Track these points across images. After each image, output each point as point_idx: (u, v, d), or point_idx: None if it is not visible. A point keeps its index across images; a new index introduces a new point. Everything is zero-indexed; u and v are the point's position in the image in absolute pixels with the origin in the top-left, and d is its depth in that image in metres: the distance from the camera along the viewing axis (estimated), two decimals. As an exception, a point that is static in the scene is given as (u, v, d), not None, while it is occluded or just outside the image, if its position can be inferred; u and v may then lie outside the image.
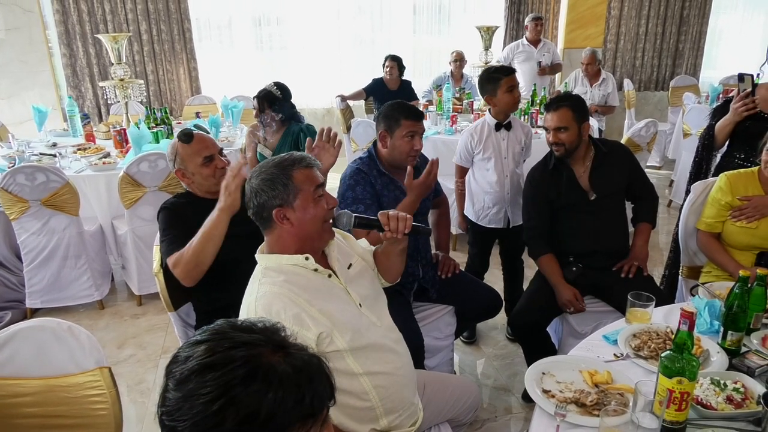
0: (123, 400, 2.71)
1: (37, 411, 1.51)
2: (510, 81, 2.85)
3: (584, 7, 6.95)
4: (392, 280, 1.85)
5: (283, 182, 1.49)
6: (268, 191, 1.49)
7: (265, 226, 1.55)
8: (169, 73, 6.00)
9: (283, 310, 1.42)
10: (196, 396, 0.78)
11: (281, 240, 1.53)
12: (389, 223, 1.60)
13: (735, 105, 2.58)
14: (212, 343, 0.83)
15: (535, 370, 1.62)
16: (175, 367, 0.83)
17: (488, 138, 2.98)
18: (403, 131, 2.32)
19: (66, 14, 5.52)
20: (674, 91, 6.54)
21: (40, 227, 3.34)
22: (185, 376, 0.80)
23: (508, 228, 3.08)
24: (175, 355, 0.85)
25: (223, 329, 0.86)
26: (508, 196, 3.02)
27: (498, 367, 3.00)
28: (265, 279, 1.49)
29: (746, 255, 2.28)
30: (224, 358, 0.81)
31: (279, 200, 1.49)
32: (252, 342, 0.84)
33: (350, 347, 1.49)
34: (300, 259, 1.52)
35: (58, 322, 1.52)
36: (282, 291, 1.45)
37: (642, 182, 2.61)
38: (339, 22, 6.65)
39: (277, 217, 1.50)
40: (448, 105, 4.81)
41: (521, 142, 3.03)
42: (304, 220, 1.50)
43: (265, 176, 1.50)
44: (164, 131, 4.14)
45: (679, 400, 1.29)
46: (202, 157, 2.11)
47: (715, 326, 1.78)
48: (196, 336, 0.86)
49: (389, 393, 1.57)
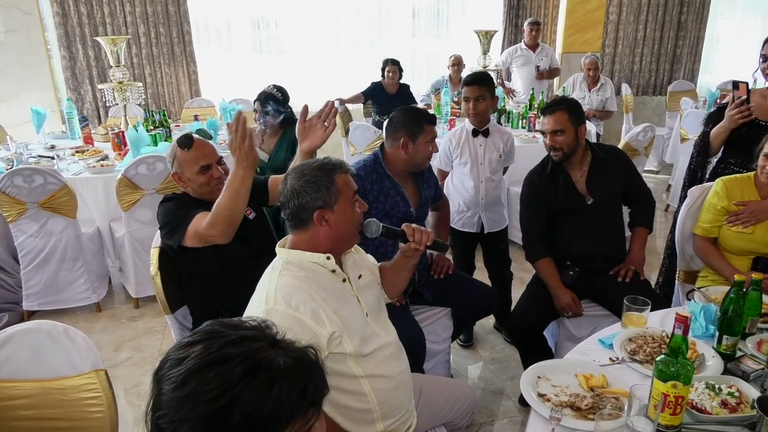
0: (120, 403, 2.71)
1: (33, 414, 1.51)
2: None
3: (582, 11, 6.97)
4: (394, 296, 1.88)
5: (327, 185, 1.52)
6: (312, 193, 1.51)
7: (300, 225, 1.55)
8: (168, 76, 6.00)
9: (302, 303, 1.43)
10: (198, 395, 0.78)
11: (314, 240, 1.55)
12: (414, 234, 1.66)
13: (730, 112, 2.59)
14: (208, 342, 0.83)
15: (530, 373, 1.62)
16: (168, 370, 0.82)
17: (465, 143, 3.04)
18: (427, 137, 2.38)
19: (66, 16, 5.52)
20: (672, 96, 6.56)
21: (38, 229, 3.34)
22: (184, 376, 0.79)
23: (482, 233, 3.11)
24: (165, 360, 0.84)
25: (215, 329, 0.86)
26: (482, 201, 3.06)
27: (495, 371, 3.00)
28: (287, 272, 1.50)
29: (742, 260, 2.29)
30: (224, 355, 0.81)
31: (321, 202, 1.51)
32: (249, 337, 0.84)
33: (356, 352, 1.51)
34: (322, 257, 1.54)
35: (54, 324, 1.52)
36: (302, 286, 1.47)
37: (639, 187, 2.62)
38: (338, 25, 6.66)
39: (317, 218, 1.52)
40: (447, 109, 4.83)
41: (500, 149, 3.06)
42: (341, 223, 1.54)
43: (309, 178, 1.53)
44: (162, 134, 4.14)
45: (673, 404, 1.30)
46: (199, 165, 2.10)
47: (711, 330, 1.78)
48: (187, 338, 0.86)
49: (387, 397, 1.58)
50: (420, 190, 2.52)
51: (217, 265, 2.09)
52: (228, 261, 2.10)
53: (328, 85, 6.51)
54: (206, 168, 2.11)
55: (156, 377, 0.84)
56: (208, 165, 2.11)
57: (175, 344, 0.86)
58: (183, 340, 0.86)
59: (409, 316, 2.34)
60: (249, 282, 1.78)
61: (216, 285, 2.09)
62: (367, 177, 2.38)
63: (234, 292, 1.93)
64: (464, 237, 3.16)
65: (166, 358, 0.85)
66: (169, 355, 0.85)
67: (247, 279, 1.79)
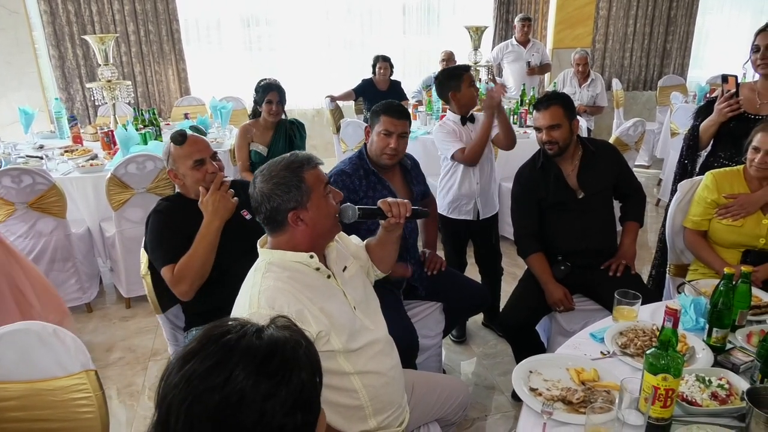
0: (112, 404, 2.72)
1: (23, 415, 1.50)
2: (470, 77, 2.98)
3: (573, 7, 6.99)
4: (387, 270, 1.86)
5: (296, 184, 1.48)
6: (282, 195, 1.48)
7: (277, 228, 1.53)
8: (158, 74, 5.96)
9: (286, 305, 1.42)
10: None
11: (293, 240, 1.53)
12: (391, 209, 1.65)
13: (719, 106, 2.60)
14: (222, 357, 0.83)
15: (522, 368, 1.63)
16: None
17: (459, 132, 3.03)
18: (380, 127, 2.36)
19: (54, 15, 5.47)
20: (662, 91, 6.59)
21: (27, 230, 3.31)
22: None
23: (479, 220, 3.10)
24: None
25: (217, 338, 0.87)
26: (477, 187, 3.05)
27: (488, 366, 3.01)
28: (270, 273, 1.48)
29: (732, 253, 2.31)
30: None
31: (294, 203, 1.48)
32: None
33: (344, 348, 1.50)
34: (305, 257, 1.52)
35: (44, 325, 1.51)
36: (286, 287, 1.45)
37: (629, 181, 2.63)
38: (328, 22, 6.64)
39: (291, 219, 1.50)
40: (438, 105, 4.82)
41: None
42: (317, 219, 1.52)
43: (278, 180, 1.49)
44: (152, 133, 4.11)
45: (664, 396, 1.30)
46: (193, 160, 2.08)
47: (701, 323, 1.79)
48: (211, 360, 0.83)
49: (378, 393, 1.58)
50: (409, 186, 2.52)
51: (213, 265, 2.09)
52: (224, 260, 2.09)
53: (319, 82, 6.50)
54: (200, 163, 2.09)
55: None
56: (202, 159, 2.10)
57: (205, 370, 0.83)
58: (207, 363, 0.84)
59: (402, 312, 2.34)
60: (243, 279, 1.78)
61: (210, 283, 2.08)
62: (354, 174, 2.37)
63: (227, 289, 1.92)
64: (457, 227, 3.13)
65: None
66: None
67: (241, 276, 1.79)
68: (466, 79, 2.94)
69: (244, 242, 2.16)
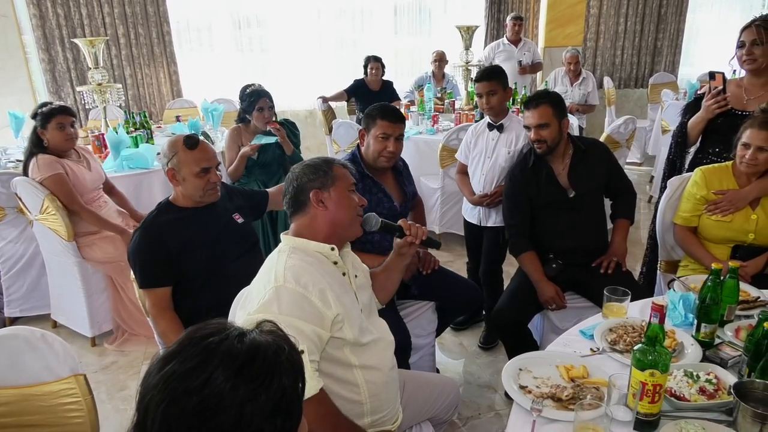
0: (105, 408, 2.71)
1: (12, 421, 1.49)
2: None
3: (564, 6, 7.01)
4: (384, 301, 1.89)
5: (324, 170, 1.61)
6: (309, 174, 1.60)
7: (300, 209, 1.61)
8: (149, 77, 5.94)
9: (311, 282, 1.46)
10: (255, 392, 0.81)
11: (314, 223, 1.59)
12: (410, 229, 1.78)
13: (707, 102, 2.61)
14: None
15: (512, 366, 1.63)
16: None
17: (481, 134, 3.03)
18: (377, 131, 2.35)
19: (43, 18, 5.44)
20: (653, 88, 6.61)
21: (18, 235, 3.30)
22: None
23: (480, 226, 3.09)
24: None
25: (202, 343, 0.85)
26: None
27: (481, 365, 3.01)
28: (294, 255, 1.53)
29: (722, 248, 2.32)
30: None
31: (318, 183, 1.59)
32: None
33: (355, 341, 1.53)
34: (326, 248, 1.57)
35: (32, 330, 1.50)
36: (310, 268, 1.50)
37: (620, 179, 2.64)
38: (320, 23, 6.64)
39: (314, 199, 1.57)
40: (430, 105, 4.83)
41: (511, 146, 2.91)
42: (338, 206, 1.60)
43: (309, 163, 1.63)
44: (143, 135, 4.10)
45: (651, 392, 1.31)
46: (200, 167, 2.09)
47: (690, 319, 1.80)
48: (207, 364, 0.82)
49: (378, 391, 1.60)
50: (402, 187, 2.52)
51: (205, 268, 2.09)
52: (217, 263, 2.10)
53: (311, 83, 6.50)
54: (206, 171, 2.10)
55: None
56: (208, 168, 2.11)
57: (191, 368, 0.82)
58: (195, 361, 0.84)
59: (395, 313, 2.34)
60: (235, 279, 1.79)
61: (203, 285, 2.08)
62: None
63: (220, 290, 1.93)
64: (470, 228, 3.18)
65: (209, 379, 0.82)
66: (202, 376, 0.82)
67: (234, 277, 1.78)
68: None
69: (238, 245, 2.18)
